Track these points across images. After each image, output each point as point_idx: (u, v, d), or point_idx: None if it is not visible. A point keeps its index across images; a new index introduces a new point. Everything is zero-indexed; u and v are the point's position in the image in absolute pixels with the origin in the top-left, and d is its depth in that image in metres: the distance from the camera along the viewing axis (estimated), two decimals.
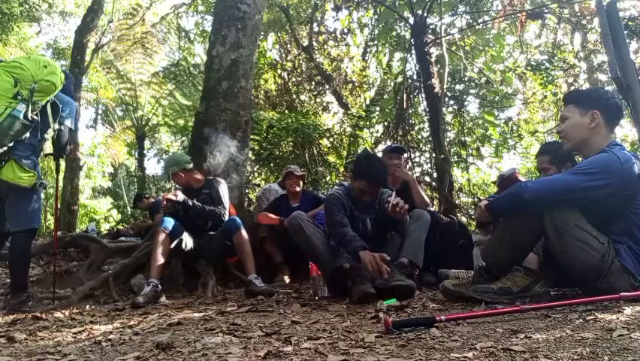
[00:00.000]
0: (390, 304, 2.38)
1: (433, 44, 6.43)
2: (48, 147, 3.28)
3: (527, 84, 8.24)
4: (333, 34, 9.79)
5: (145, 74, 13.09)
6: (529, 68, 7.69)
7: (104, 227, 11.41)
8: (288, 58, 10.16)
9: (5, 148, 2.88)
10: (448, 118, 7.04)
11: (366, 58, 10.20)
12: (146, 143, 14.88)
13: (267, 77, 9.84)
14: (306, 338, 1.75)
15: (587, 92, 2.38)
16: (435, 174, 6.52)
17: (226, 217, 3.69)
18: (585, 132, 2.25)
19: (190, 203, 3.56)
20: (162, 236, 3.40)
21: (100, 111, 18.58)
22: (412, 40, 6.63)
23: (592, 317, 1.77)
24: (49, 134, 3.12)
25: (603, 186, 2.05)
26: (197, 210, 3.58)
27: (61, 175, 3.80)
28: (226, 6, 4.57)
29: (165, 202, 3.54)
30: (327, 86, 10.02)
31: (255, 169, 8.80)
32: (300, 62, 10.12)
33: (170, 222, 3.48)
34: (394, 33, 7.99)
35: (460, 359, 1.37)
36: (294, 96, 9.87)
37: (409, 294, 2.59)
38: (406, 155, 4.88)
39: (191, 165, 3.81)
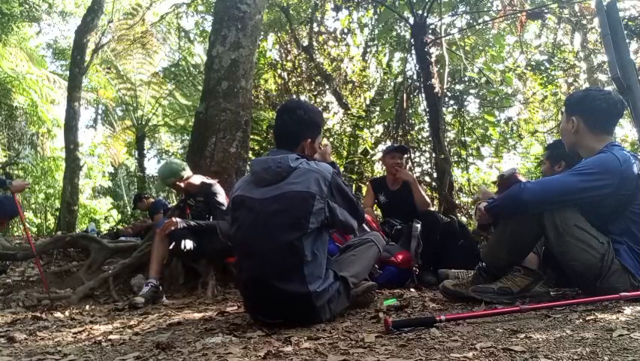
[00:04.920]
0: (390, 304, 2.38)
1: (433, 44, 6.41)
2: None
3: (527, 84, 8.22)
4: (333, 34, 9.76)
5: (145, 74, 13.11)
6: (529, 68, 7.68)
7: (104, 227, 11.40)
8: (288, 58, 10.14)
9: None
10: (448, 118, 7.02)
11: (366, 58, 10.18)
12: (146, 143, 14.90)
13: (267, 77, 9.83)
14: (306, 338, 1.75)
15: (571, 97, 2.40)
16: (435, 174, 6.51)
17: None
18: (571, 137, 2.30)
19: (192, 224, 3.45)
20: (161, 236, 3.40)
21: (100, 111, 18.64)
22: (412, 40, 6.61)
23: (592, 317, 1.77)
24: None
25: (602, 186, 2.06)
26: (197, 229, 3.48)
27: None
28: (226, 6, 4.57)
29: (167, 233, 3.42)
30: (327, 86, 10.00)
31: None
32: (300, 62, 10.09)
33: None
34: (394, 33, 7.96)
35: (460, 359, 1.37)
36: (294, 96, 9.85)
37: None
38: (406, 155, 4.89)
39: (187, 172, 3.65)
